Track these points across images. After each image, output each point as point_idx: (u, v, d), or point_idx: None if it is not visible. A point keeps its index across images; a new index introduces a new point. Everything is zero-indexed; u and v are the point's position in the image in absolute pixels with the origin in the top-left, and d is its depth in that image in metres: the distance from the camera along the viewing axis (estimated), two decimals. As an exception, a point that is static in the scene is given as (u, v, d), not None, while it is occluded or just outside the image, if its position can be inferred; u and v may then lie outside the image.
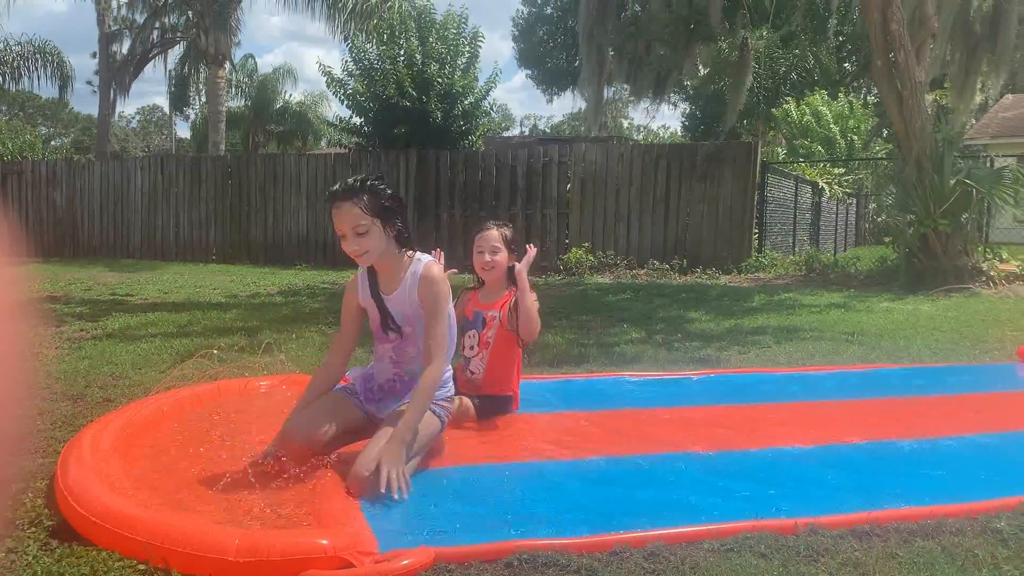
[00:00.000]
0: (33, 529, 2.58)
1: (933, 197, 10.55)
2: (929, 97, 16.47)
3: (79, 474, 2.71)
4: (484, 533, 2.53)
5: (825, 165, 19.16)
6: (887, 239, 12.88)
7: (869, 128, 23.12)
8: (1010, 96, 24.23)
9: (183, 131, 52.44)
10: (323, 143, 38.12)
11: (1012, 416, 4.13)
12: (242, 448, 3.34)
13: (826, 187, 17.72)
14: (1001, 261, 10.91)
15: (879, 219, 28.35)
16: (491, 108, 19.16)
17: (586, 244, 13.58)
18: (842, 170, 19.57)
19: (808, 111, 22.28)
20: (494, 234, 3.92)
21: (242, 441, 3.43)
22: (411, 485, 2.85)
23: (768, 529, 2.55)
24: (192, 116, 38.09)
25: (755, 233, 13.42)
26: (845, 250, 21.57)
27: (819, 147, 21.57)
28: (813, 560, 2.38)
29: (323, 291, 10.89)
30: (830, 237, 20.03)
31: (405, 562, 2.28)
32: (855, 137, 22.20)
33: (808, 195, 17.49)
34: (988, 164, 12.29)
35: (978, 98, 12.78)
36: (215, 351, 5.11)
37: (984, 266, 10.73)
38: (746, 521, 2.60)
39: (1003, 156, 16.54)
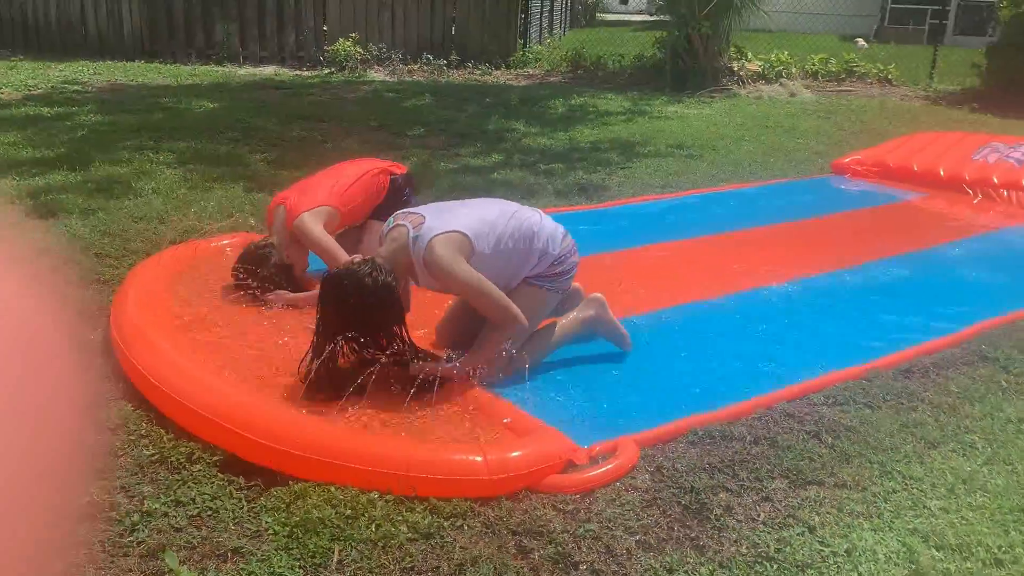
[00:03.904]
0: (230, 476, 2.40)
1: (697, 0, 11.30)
2: None
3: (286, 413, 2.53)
4: (648, 417, 2.79)
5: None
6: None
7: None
8: None
9: None
10: None
11: (889, 238, 5.03)
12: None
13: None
14: (748, 61, 12.14)
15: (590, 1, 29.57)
16: None
17: (353, 35, 12.85)
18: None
19: None
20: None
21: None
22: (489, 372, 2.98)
23: (852, 378, 3.08)
24: None
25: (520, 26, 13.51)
26: (565, 32, 22.40)
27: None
28: (908, 400, 2.95)
29: (81, 96, 9.44)
30: (558, 20, 20.64)
31: (626, 456, 2.50)
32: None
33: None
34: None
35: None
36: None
37: (735, 67, 11.90)
38: (826, 375, 3.10)
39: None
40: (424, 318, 3.26)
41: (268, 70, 12.65)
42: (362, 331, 2.78)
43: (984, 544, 2.22)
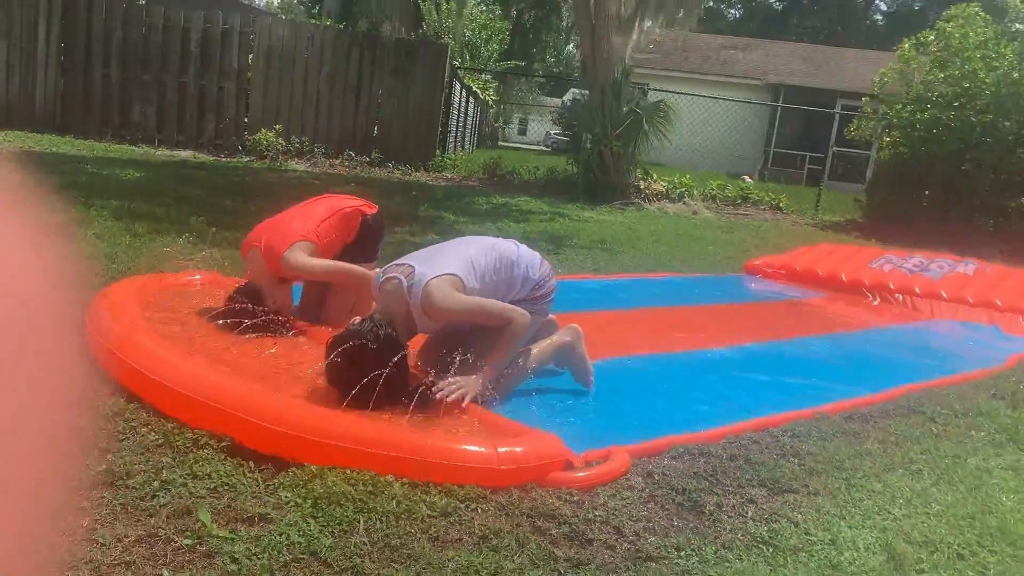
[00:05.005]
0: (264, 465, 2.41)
1: (610, 121, 12.13)
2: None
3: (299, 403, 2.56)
4: (627, 430, 2.96)
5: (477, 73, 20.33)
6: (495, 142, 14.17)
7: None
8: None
9: None
10: None
11: (809, 323, 5.46)
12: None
13: (479, 91, 18.90)
14: (653, 181, 12.97)
15: (496, 124, 30.98)
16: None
17: (278, 126, 13.06)
18: (488, 77, 20.94)
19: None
20: None
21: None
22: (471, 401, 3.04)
23: (804, 418, 3.34)
24: None
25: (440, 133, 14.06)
26: (473, 149, 23.32)
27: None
28: (856, 437, 3.23)
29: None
30: (468, 137, 21.54)
31: (620, 459, 2.65)
32: (495, 47, 23.73)
33: (462, 98, 18.55)
34: (643, 95, 14.29)
35: (635, 35, 14.61)
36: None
37: (641, 185, 12.70)
38: (782, 414, 3.36)
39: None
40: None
41: (185, 154, 12.64)
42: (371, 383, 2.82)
43: (946, 542, 2.46)
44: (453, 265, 3.12)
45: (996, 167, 10.98)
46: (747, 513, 2.49)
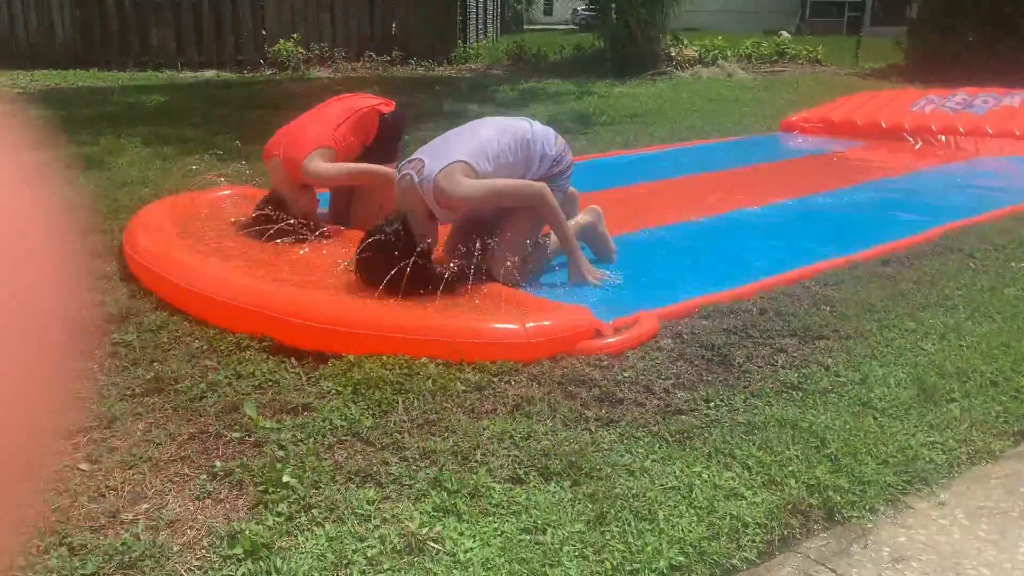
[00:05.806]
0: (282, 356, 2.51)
1: (634, -14, 11.70)
2: None
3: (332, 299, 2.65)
4: (658, 298, 2.98)
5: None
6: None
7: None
8: None
9: None
10: None
11: (846, 174, 5.36)
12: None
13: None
14: (684, 47, 12.57)
15: (519, 6, 30.08)
16: None
17: (296, 36, 12.90)
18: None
19: None
20: None
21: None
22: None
23: (838, 267, 3.33)
24: None
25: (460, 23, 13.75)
26: (498, 36, 22.77)
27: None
28: (891, 280, 3.22)
29: (25, 96, 9.32)
30: (491, 25, 21.01)
31: (648, 324, 2.69)
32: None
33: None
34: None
35: None
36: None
37: (672, 52, 12.32)
38: (815, 264, 3.35)
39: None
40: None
41: (209, 74, 12.60)
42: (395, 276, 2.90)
43: (979, 371, 2.47)
44: (463, 151, 3.11)
45: (1046, -10, 10.38)
46: (777, 362, 2.53)
